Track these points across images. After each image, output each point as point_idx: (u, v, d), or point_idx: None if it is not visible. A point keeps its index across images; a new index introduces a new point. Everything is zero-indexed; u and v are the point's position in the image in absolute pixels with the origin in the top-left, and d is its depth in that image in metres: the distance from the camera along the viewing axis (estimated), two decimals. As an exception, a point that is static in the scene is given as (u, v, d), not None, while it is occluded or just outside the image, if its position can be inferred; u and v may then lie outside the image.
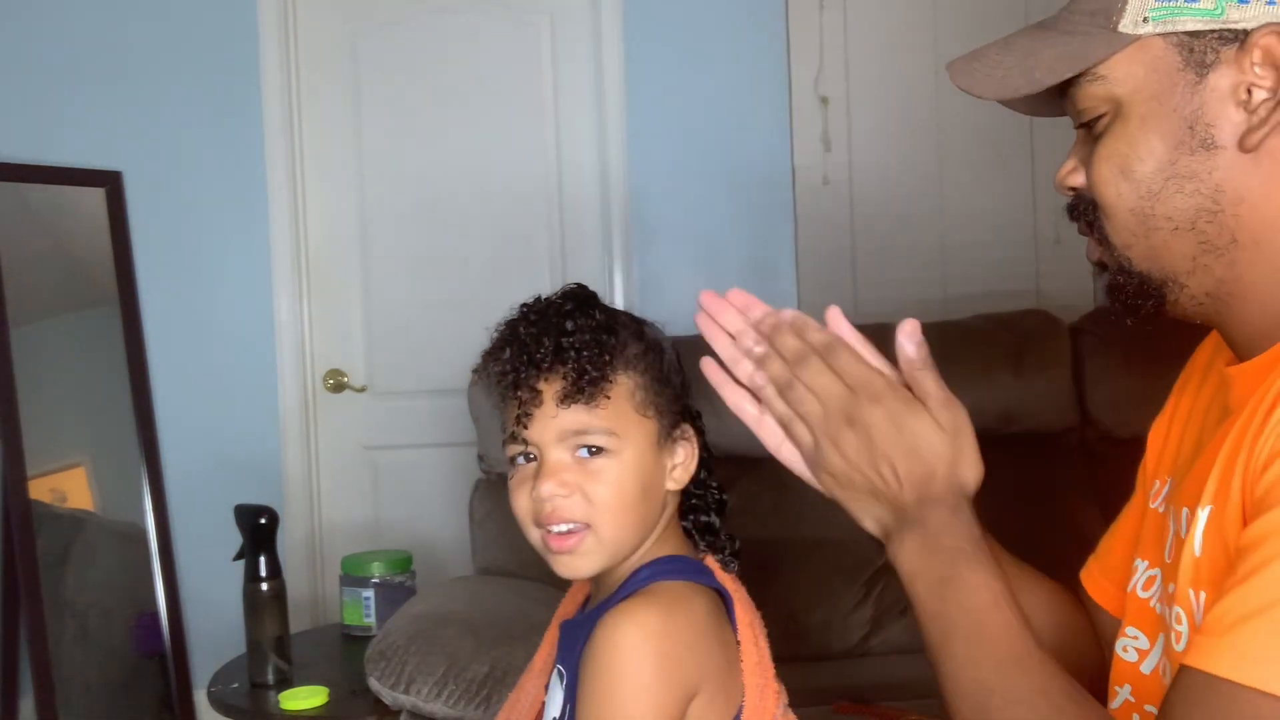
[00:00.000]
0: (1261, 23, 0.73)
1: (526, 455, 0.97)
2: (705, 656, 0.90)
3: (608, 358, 0.95)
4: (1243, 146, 0.75)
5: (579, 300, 0.98)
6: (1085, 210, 0.83)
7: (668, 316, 1.08)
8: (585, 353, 0.94)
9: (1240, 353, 0.83)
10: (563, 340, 0.94)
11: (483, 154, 3.13)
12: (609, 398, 0.94)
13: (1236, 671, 0.66)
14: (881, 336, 0.91)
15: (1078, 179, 0.84)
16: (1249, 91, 0.74)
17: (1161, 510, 0.90)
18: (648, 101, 3.10)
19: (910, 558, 0.83)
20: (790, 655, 1.01)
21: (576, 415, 0.94)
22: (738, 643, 0.94)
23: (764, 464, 1.06)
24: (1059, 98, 0.85)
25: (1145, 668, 0.89)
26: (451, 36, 3.13)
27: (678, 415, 1.00)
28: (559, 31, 3.14)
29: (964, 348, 2.38)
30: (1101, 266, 0.84)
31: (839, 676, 2.08)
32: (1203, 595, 0.76)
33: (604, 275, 3.12)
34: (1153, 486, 0.94)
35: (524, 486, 0.96)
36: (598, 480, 0.94)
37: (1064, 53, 0.80)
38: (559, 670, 1.00)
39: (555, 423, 0.94)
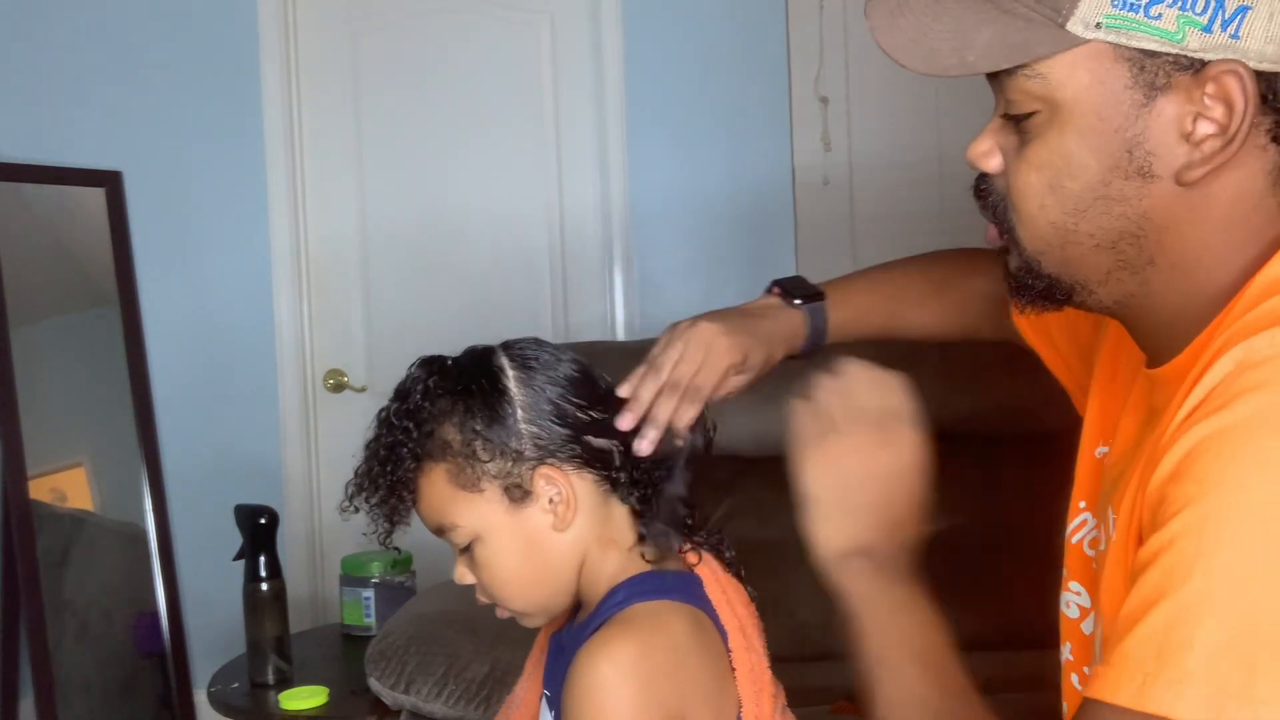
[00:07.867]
0: (1221, 55, 0.68)
1: None
2: (688, 681, 0.88)
3: (395, 478, 0.95)
4: (1180, 180, 0.71)
5: (384, 415, 0.98)
6: (996, 203, 0.80)
7: (667, 317, 1.07)
8: (381, 483, 0.96)
9: (1149, 355, 0.81)
10: (362, 481, 0.97)
11: (483, 154, 3.13)
12: (414, 502, 0.96)
13: (1137, 699, 0.64)
14: (881, 341, 0.90)
15: (992, 164, 0.79)
16: (1194, 122, 0.70)
17: (1099, 458, 0.91)
18: (647, 101, 3.10)
19: (864, 580, 0.86)
20: (790, 655, 1.01)
21: (429, 521, 0.97)
22: (729, 650, 0.93)
23: (764, 464, 1.06)
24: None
25: (1086, 627, 0.89)
26: (451, 37, 3.12)
27: (514, 459, 0.93)
28: (559, 32, 3.14)
29: (964, 348, 2.38)
30: (1005, 250, 0.81)
31: (839, 676, 2.08)
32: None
33: (604, 275, 3.12)
34: (1096, 442, 0.94)
35: None
36: (479, 570, 0.96)
37: (1003, 38, 0.72)
38: (546, 694, 1.00)
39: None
